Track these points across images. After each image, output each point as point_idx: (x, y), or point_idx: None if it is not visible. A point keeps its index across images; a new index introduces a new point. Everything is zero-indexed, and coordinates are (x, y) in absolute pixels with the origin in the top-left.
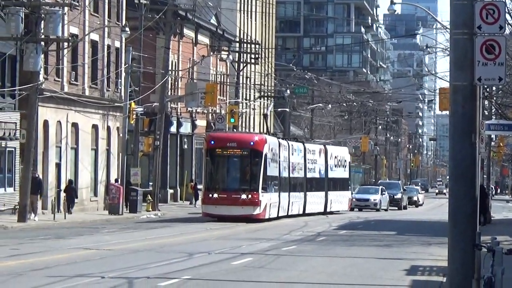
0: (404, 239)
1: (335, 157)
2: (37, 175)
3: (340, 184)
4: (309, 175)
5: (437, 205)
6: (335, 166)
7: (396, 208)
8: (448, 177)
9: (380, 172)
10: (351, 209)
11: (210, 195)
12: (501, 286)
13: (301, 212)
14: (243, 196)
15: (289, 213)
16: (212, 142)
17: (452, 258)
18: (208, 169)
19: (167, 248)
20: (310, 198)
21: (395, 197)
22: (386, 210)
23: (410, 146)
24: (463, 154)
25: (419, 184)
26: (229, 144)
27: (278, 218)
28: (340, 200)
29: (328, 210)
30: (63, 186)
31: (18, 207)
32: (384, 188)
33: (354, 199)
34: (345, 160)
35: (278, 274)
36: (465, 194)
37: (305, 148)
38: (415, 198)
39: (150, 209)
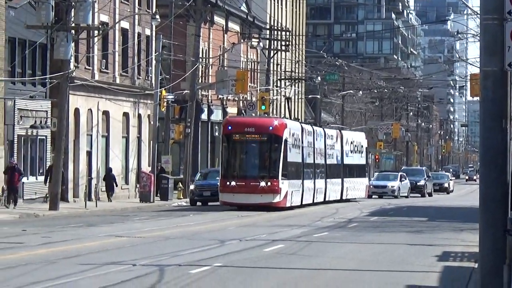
0: (435, 225)
1: (351, 142)
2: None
3: (356, 171)
4: (328, 161)
5: (468, 192)
6: (351, 152)
7: (419, 195)
8: (479, 163)
9: (411, 159)
10: (369, 196)
11: (228, 183)
12: None
13: (322, 200)
14: (262, 184)
15: (315, 201)
16: (230, 127)
17: (483, 244)
18: (225, 155)
19: (198, 235)
20: (329, 185)
21: (417, 184)
22: (406, 197)
23: (441, 132)
24: (494, 140)
25: (450, 170)
26: (247, 129)
27: (301, 206)
28: (356, 187)
29: (344, 197)
30: (94, 174)
31: (49, 195)
32: (404, 174)
33: (371, 186)
34: (362, 146)
35: (310, 261)
36: (496, 180)
37: (325, 133)
38: (445, 185)
39: (181, 197)
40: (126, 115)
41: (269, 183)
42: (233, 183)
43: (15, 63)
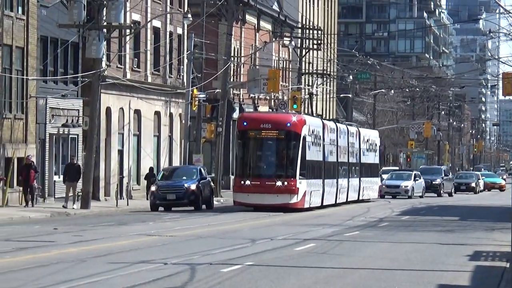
0: (467, 224)
1: (367, 140)
2: (75, 161)
3: (371, 170)
4: (350, 159)
5: (494, 193)
6: (367, 151)
7: (436, 195)
8: (511, 162)
9: (442, 158)
10: (381, 197)
11: (242, 182)
12: None
13: (344, 200)
14: (279, 183)
15: (337, 201)
16: (245, 124)
17: None
18: (240, 153)
19: (230, 234)
20: (351, 185)
21: (433, 182)
22: (421, 197)
23: (473, 132)
24: None
25: (482, 169)
26: (263, 125)
27: (322, 207)
28: (371, 187)
29: (360, 198)
30: (125, 173)
31: (81, 193)
32: (418, 173)
33: (384, 186)
34: (376, 144)
35: (341, 260)
36: None
37: (348, 131)
38: (472, 184)
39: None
40: (157, 114)
41: (285, 183)
42: (247, 182)
43: (47, 61)
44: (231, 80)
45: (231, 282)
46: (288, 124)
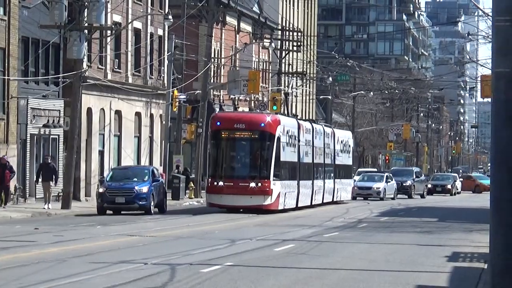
0: (445, 225)
1: (342, 141)
2: (49, 161)
3: (345, 172)
4: (326, 161)
5: (473, 194)
6: (342, 152)
7: (406, 196)
8: (489, 164)
9: (421, 160)
10: (353, 198)
11: (215, 183)
12: None
13: (320, 202)
14: (252, 184)
15: (313, 203)
16: (218, 123)
17: (493, 244)
18: (213, 153)
19: (209, 234)
20: (326, 186)
21: (403, 184)
22: (393, 198)
23: (452, 134)
24: (506, 141)
25: (460, 171)
26: (236, 125)
27: (297, 208)
28: (345, 188)
29: (335, 199)
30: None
31: (62, 194)
32: (391, 175)
33: (356, 187)
34: (350, 145)
35: (320, 261)
36: (508, 181)
37: (324, 131)
38: (448, 186)
39: (193, 196)
40: (138, 114)
41: (259, 184)
42: (220, 183)
43: (28, 62)
44: (212, 81)
45: (211, 282)
46: (262, 124)
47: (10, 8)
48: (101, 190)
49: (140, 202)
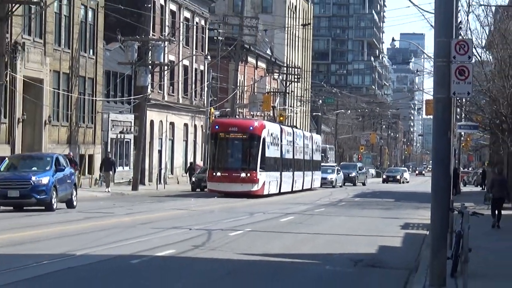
0: (400, 204)
1: (316, 142)
2: (110, 156)
3: (317, 165)
4: (306, 157)
5: (418, 183)
6: (316, 151)
7: (351, 184)
8: (431, 161)
9: (383, 158)
10: (320, 186)
11: (214, 174)
12: (467, 237)
13: (300, 189)
14: (242, 175)
15: (293, 189)
16: (217, 127)
17: (433, 218)
18: (212, 150)
19: (234, 209)
20: (305, 177)
21: (349, 175)
22: (341, 186)
23: (404, 140)
24: (442, 146)
25: (410, 166)
26: (231, 128)
27: (279, 193)
28: (318, 178)
29: (312, 187)
30: (163, 166)
31: (132, 180)
32: (339, 168)
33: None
34: (319, 145)
35: (312, 228)
36: (443, 174)
37: (303, 135)
38: (398, 177)
39: None
40: (185, 125)
41: (248, 174)
42: (218, 174)
43: (109, 88)
44: (237, 102)
45: (235, 242)
46: (251, 128)
47: (97, 50)
48: None
49: (38, 196)
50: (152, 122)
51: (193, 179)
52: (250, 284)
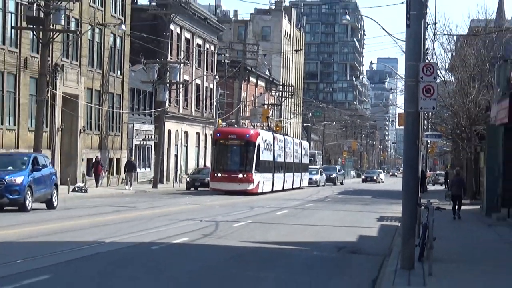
0: (376, 200)
1: (304, 147)
2: (132, 159)
3: (305, 167)
4: (295, 160)
5: (392, 183)
6: (304, 155)
7: (332, 183)
8: (402, 165)
9: (363, 162)
10: (308, 185)
11: (216, 175)
12: (432, 228)
13: (291, 187)
14: (240, 175)
15: (284, 188)
16: (218, 134)
17: (404, 212)
18: (214, 154)
19: (237, 204)
20: (295, 177)
21: (331, 176)
22: (323, 185)
23: (381, 146)
24: (411, 152)
25: (385, 168)
26: (230, 136)
27: (272, 192)
28: (306, 179)
29: (301, 186)
30: (178, 167)
31: (152, 179)
32: (322, 170)
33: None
34: (307, 150)
35: (303, 220)
36: (412, 175)
37: (293, 141)
38: (374, 178)
39: None
40: (197, 133)
41: (245, 175)
42: (219, 174)
43: (134, 102)
44: (241, 114)
45: (238, 232)
46: (247, 135)
47: (124, 71)
48: None
49: (11, 196)
50: (169, 131)
51: (188, 179)
52: (251, 266)
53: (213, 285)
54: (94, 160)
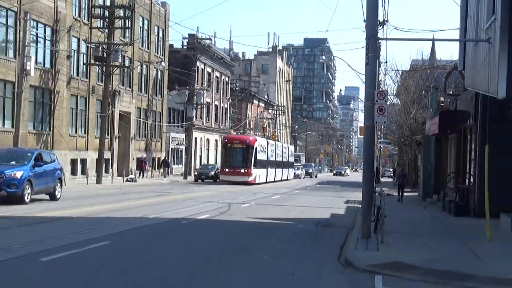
0: (344, 188)
1: (290, 150)
2: (166, 158)
3: (291, 165)
4: (284, 159)
5: (355, 176)
6: (290, 156)
7: (310, 177)
8: (362, 163)
9: (334, 161)
10: (293, 178)
11: (224, 170)
12: (384, 209)
13: (280, 179)
14: (242, 170)
15: (275, 180)
16: (226, 140)
17: (363, 197)
18: (223, 155)
19: (243, 191)
20: (284, 172)
21: (308, 171)
22: (303, 178)
23: (347, 150)
24: (369, 154)
25: (350, 165)
26: (234, 141)
27: (266, 182)
28: (291, 173)
29: (288, 178)
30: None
31: (183, 173)
32: (302, 166)
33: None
34: (293, 152)
35: (290, 202)
36: (369, 171)
37: (282, 145)
38: (342, 172)
39: None
40: (216, 140)
41: (246, 170)
42: (226, 169)
43: (170, 117)
44: (247, 127)
45: (245, 210)
46: (247, 141)
47: (163, 95)
48: None
49: (9, 189)
50: (195, 138)
51: (195, 173)
52: (255, 235)
53: (232, 246)
54: (139, 159)
